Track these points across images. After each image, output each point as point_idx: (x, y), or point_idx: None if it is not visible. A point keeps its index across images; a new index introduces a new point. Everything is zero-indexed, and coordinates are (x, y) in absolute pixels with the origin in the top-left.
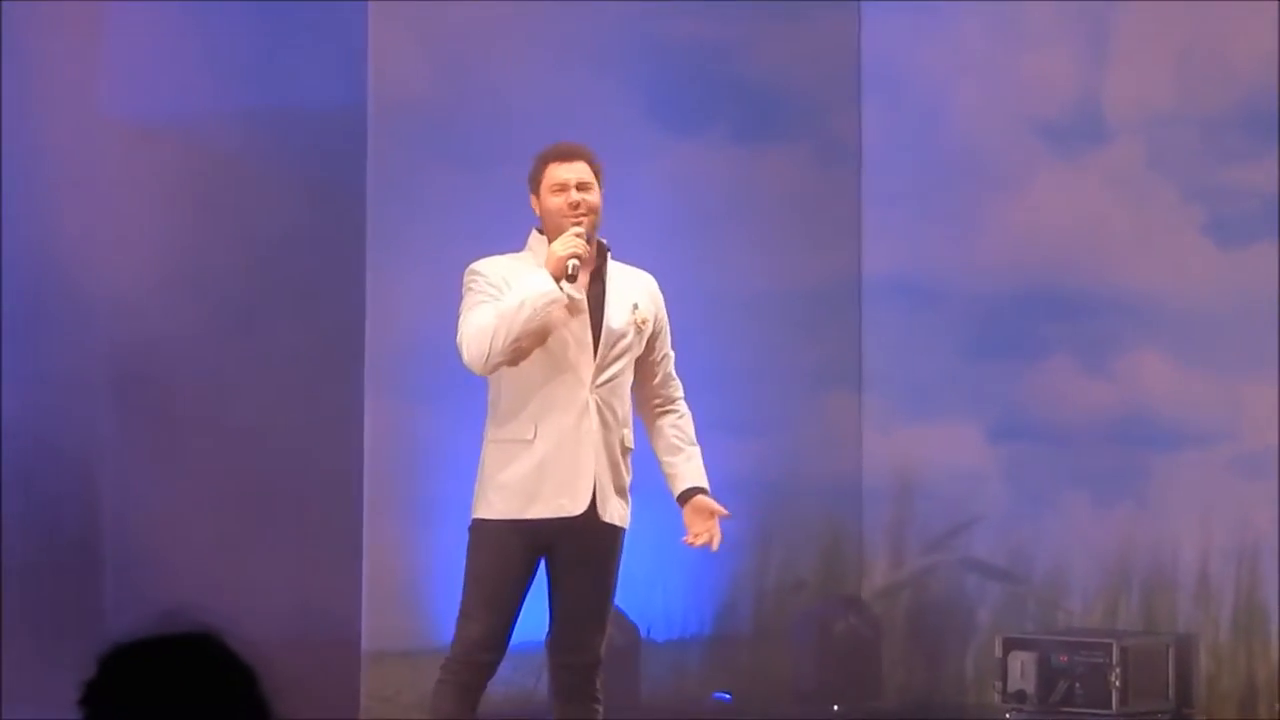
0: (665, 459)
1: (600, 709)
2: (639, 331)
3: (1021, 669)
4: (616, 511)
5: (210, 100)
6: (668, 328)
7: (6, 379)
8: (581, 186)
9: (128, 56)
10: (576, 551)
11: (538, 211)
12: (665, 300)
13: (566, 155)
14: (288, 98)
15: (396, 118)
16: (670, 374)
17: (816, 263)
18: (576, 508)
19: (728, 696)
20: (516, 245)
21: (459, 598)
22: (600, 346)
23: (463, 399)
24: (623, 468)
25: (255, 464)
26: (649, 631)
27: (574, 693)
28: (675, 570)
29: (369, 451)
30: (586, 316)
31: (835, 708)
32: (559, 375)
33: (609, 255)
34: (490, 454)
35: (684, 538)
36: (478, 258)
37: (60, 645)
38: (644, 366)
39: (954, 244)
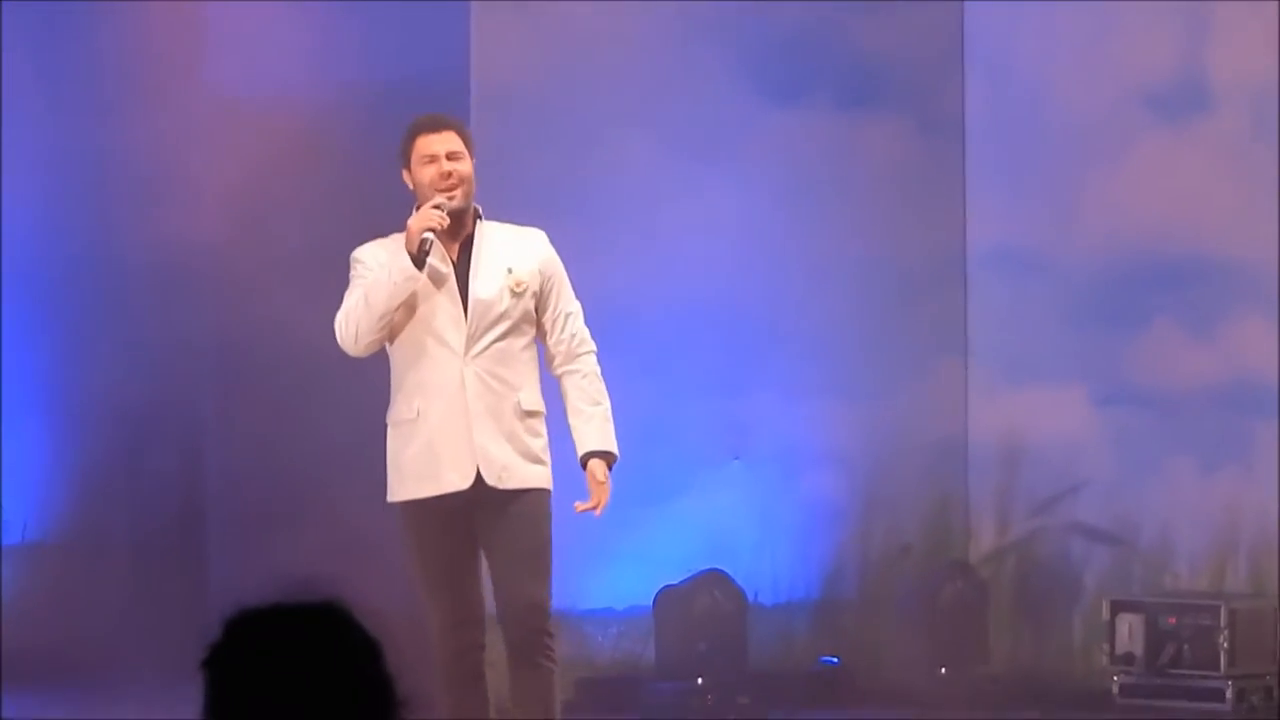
0: (569, 421)
1: (551, 668)
2: (515, 295)
3: (1129, 631)
4: (518, 476)
5: (314, 76)
6: (562, 285)
7: (118, 359)
8: (452, 156)
9: (233, 31)
10: (489, 521)
11: (410, 186)
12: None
13: (434, 126)
14: (390, 72)
15: (498, 88)
16: (573, 332)
17: (921, 232)
18: (464, 482)
19: (835, 661)
20: (614, 218)
21: (568, 562)
22: (470, 317)
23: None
24: (521, 432)
25: (356, 436)
26: (756, 596)
27: (521, 657)
28: (782, 535)
29: None
30: (455, 288)
31: (942, 671)
32: (433, 351)
33: (480, 220)
34: (389, 437)
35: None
36: (582, 222)
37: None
38: (540, 326)
39: (1058, 213)
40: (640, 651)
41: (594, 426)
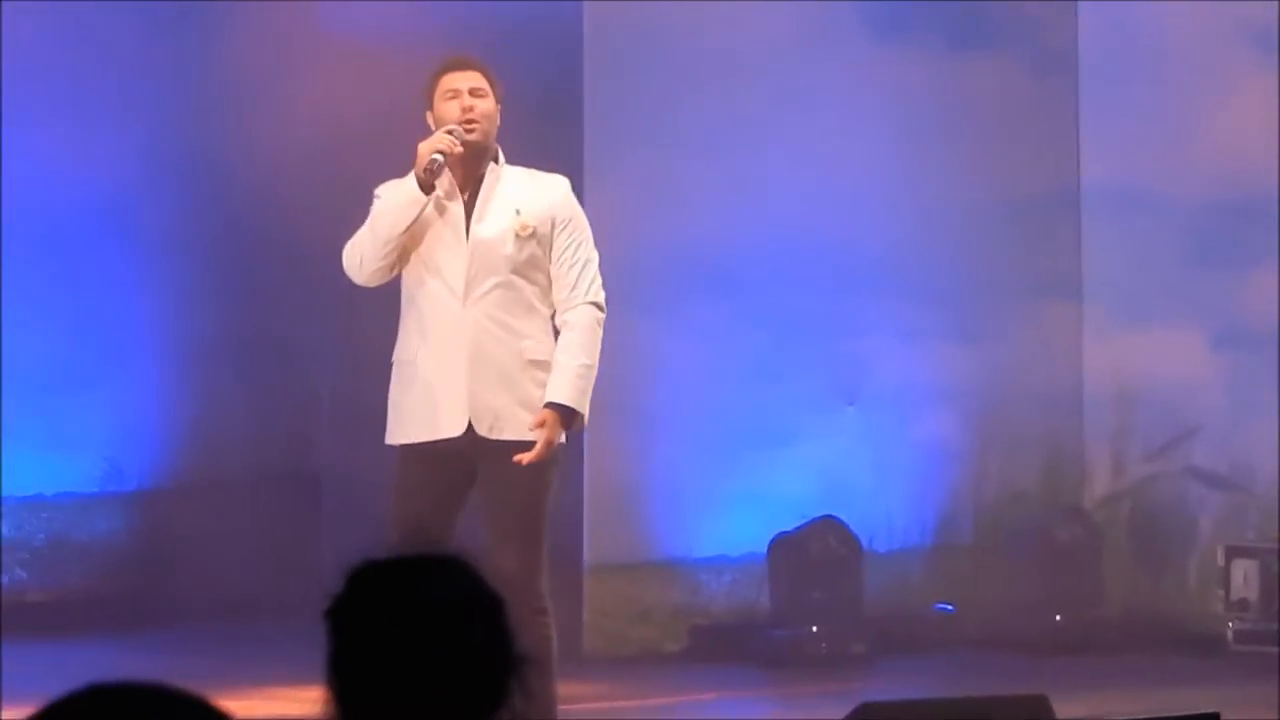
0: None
1: (546, 621)
2: (520, 239)
3: (1245, 577)
4: (513, 427)
5: (422, 14)
6: (574, 233)
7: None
8: (475, 93)
9: None
10: (487, 475)
11: (433, 126)
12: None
13: (459, 65)
14: (501, 12)
15: (609, 26)
16: (574, 282)
17: (1034, 172)
18: (455, 428)
19: (950, 608)
20: (725, 162)
21: (681, 509)
22: (470, 257)
23: (680, 305)
24: (524, 381)
25: None
26: (871, 542)
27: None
28: (897, 481)
29: None
30: (461, 227)
31: (1057, 618)
32: (435, 290)
33: (498, 163)
34: (392, 376)
35: None
36: (693, 165)
37: (284, 559)
38: (548, 274)
39: (1173, 151)
40: (755, 598)
41: (564, 380)
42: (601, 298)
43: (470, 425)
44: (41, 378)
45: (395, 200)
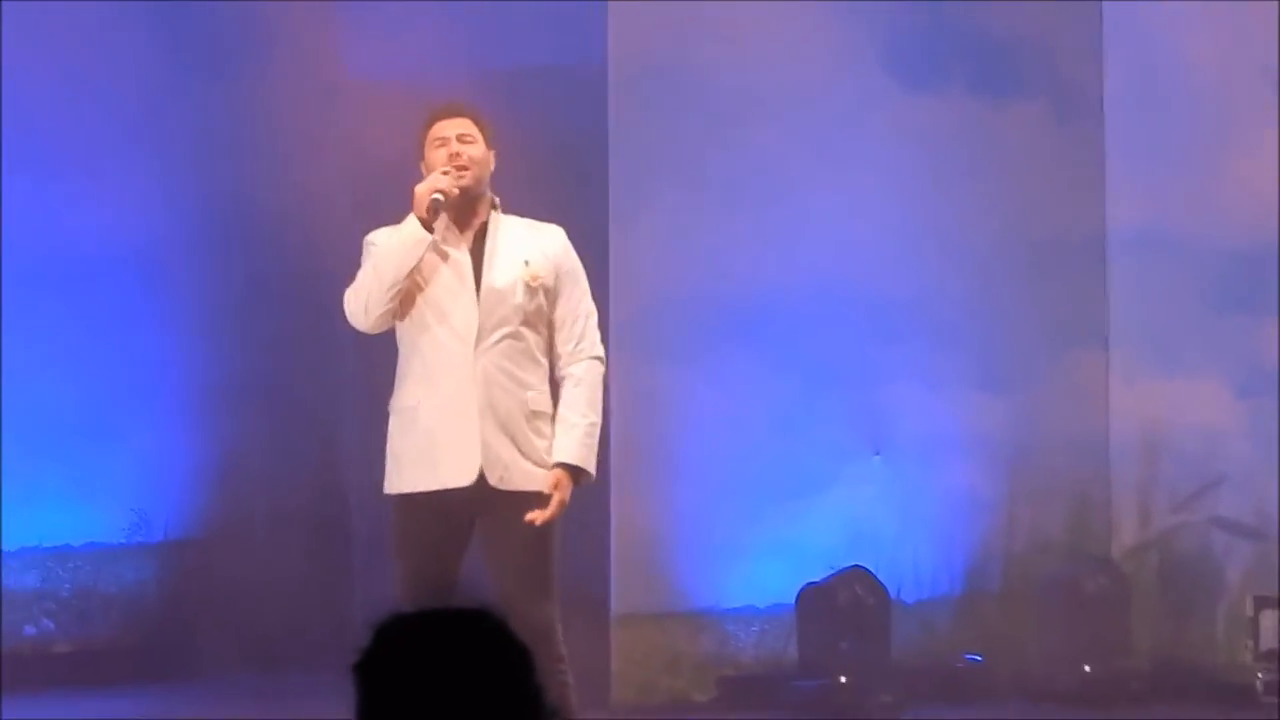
0: (555, 426)
1: (564, 669)
2: (530, 290)
3: (1273, 628)
4: (519, 478)
5: (449, 60)
6: (577, 286)
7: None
8: (462, 139)
9: (368, 18)
10: (491, 527)
11: (424, 174)
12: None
13: (448, 112)
14: (528, 58)
15: (635, 73)
16: (579, 334)
17: (1059, 217)
18: (465, 478)
19: (978, 658)
20: (750, 207)
21: (709, 558)
22: (482, 306)
23: (706, 354)
24: (527, 432)
25: None
26: (899, 592)
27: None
28: (924, 530)
29: (615, 411)
30: (470, 276)
31: (1086, 668)
32: (443, 339)
33: (497, 210)
34: (391, 424)
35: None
36: (720, 211)
37: (310, 609)
38: (550, 324)
39: (1199, 196)
40: (783, 649)
41: (573, 439)
42: (602, 351)
43: (481, 475)
44: (68, 428)
45: (398, 242)
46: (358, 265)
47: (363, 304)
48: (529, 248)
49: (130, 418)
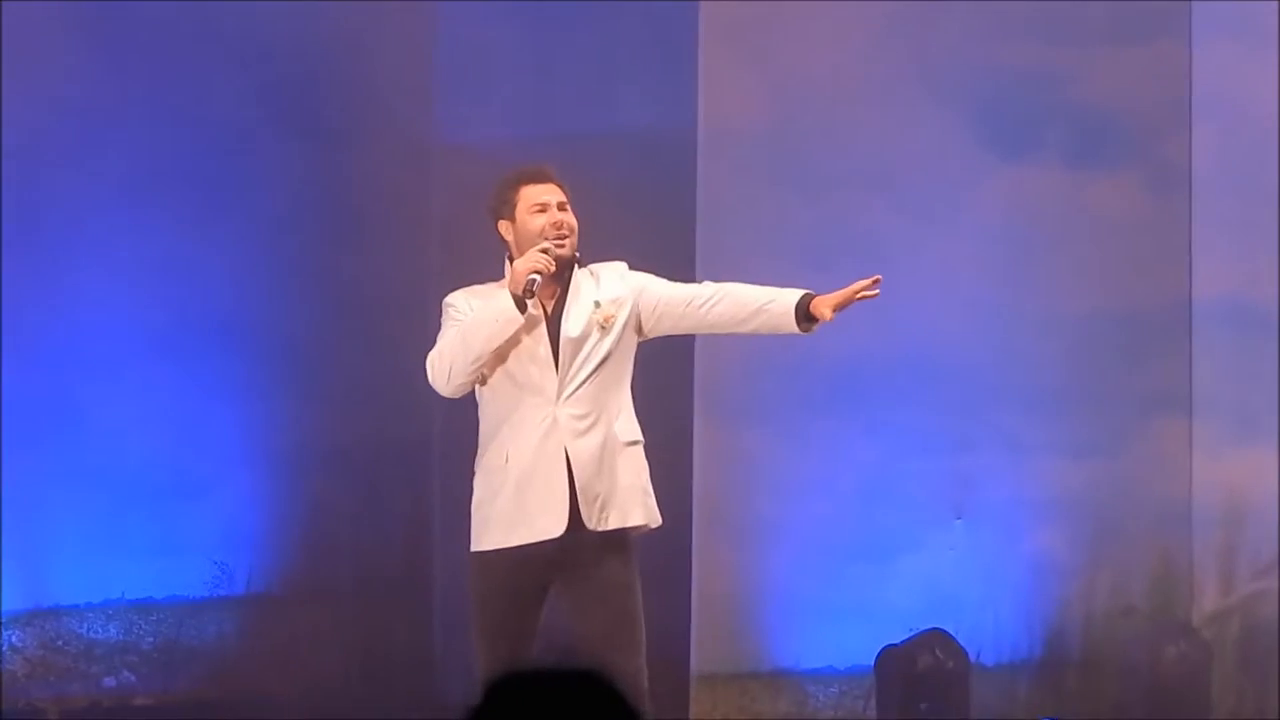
0: (754, 321)
1: None
2: (604, 329)
3: None
4: (616, 515)
5: (539, 124)
6: (650, 285)
7: (337, 403)
8: (561, 207)
9: (459, 81)
10: (580, 570)
11: (508, 237)
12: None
13: (538, 177)
14: (616, 121)
15: (725, 140)
16: (684, 295)
17: (1146, 287)
18: (557, 527)
19: None
20: (837, 273)
21: (789, 619)
22: (560, 359)
23: (791, 417)
24: (617, 467)
25: None
26: (979, 655)
27: None
28: (1005, 593)
29: (698, 470)
30: (545, 333)
31: None
32: (525, 396)
33: (576, 267)
34: (476, 483)
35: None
36: (808, 278)
37: (394, 665)
38: (666, 319)
39: None
40: (862, 710)
41: (772, 290)
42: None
43: (573, 522)
44: (153, 483)
45: (490, 318)
46: (438, 325)
47: (446, 371)
48: (596, 290)
49: (214, 473)
